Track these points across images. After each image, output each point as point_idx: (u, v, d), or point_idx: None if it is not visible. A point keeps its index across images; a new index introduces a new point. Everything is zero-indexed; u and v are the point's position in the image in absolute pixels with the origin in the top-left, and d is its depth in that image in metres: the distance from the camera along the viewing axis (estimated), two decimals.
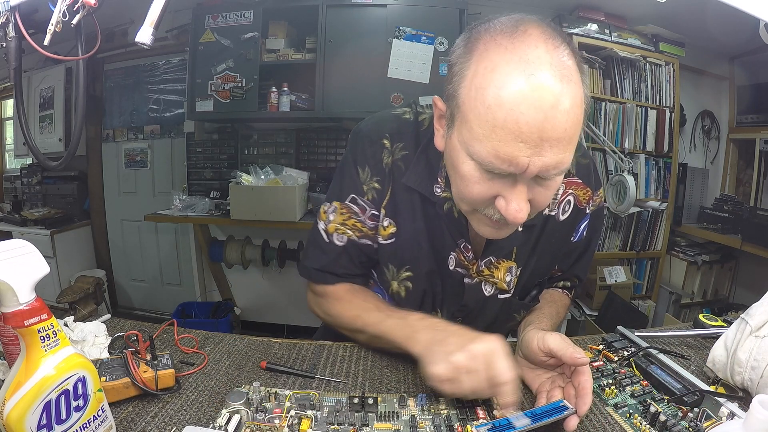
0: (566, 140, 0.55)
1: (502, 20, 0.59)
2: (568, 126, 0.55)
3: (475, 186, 0.61)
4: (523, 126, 0.53)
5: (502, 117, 0.54)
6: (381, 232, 0.84)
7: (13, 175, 3.31)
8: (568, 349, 0.64)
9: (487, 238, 0.74)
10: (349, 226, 0.84)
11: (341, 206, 0.84)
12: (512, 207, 0.60)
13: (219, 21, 2.55)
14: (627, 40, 2.56)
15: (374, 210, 0.83)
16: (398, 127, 0.82)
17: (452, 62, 0.62)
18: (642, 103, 2.63)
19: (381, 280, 0.90)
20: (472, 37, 0.60)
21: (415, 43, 2.42)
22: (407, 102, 0.94)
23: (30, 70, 2.94)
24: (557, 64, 0.54)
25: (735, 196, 2.68)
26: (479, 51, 0.58)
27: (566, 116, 0.54)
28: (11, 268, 0.46)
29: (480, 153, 0.57)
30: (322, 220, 0.86)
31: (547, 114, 0.53)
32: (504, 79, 0.54)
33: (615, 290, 2.59)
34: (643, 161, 2.64)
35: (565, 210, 0.85)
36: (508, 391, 0.60)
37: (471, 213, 0.68)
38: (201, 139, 2.93)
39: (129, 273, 3.26)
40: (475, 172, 0.60)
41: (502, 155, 0.55)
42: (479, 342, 0.62)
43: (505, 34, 0.56)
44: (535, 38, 0.55)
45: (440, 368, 0.62)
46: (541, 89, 0.53)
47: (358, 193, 0.82)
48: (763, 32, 0.77)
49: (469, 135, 0.58)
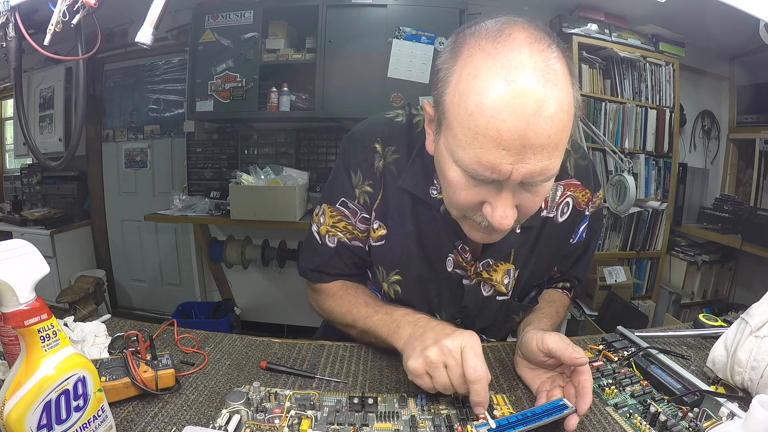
0: (551, 147, 0.55)
1: (488, 24, 0.58)
2: (552, 132, 0.53)
3: (461, 192, 0.61)
4: (505, 133, 0.52)
5: (484, 124, 0.53)
6: (371, 234, 0.85)
7: (13, 175, 3.31)
8: (567, 350, 0.64)
9: (479, 242, 0.74)
10: (340, 228, 0.85)
11: (331, 209, 0.85)
12: (497, 214, 0.59)
13: (219, 21, 2.55)
14: (627, 40, 2.56)
15: (365, 213, 0.84)
16: (389, 131, 0.82)
17: (438, 67, 0.61)
18: (642, 103, 2.63)
19: (374, 281, 0.91)
20: (458, 41, 0.60)
21: (415, 43, 2.42)
22: (406, 103, 0.94)
23: (30, 70, 2.93)
24: (541, 68, 0.53)
25: (735, 196, 2.68)
26: (463, 56, 0.57)
27: (550, 122, 0.53)
28: (11, 268, 0.46)
29: (463, 160, 0.57)
30: (314, 222, 0.89)
31: (529, 121, 0.52)
32: (486, 86, 0.53)
33: (615, 290, 2.59)
34: (643, 161, 2.64)
35: (564, 212, 0.85)
36: (477, 389, 0.60)
37: (461, 219, 0.68)
38: (201, 139, 2.93)
39: (129, 273, 3.26)
40: (461, 179, 0.60)
41: (484, 162, 0.55)
42: (452, 338, 0.63)
43: (489, 39, 0.55)
44: (519, 42, 0.54)
45: (415, 363, 0.63)
46: (523, 95, 0.52)
47: (348, 197, 0.83)
48: (763, 32, 0.77)
49: (453, 141, 0.58)
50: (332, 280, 0.90)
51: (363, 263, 0.90)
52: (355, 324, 0.82)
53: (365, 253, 0.87)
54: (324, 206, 0.87)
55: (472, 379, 0.60)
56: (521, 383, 0.74)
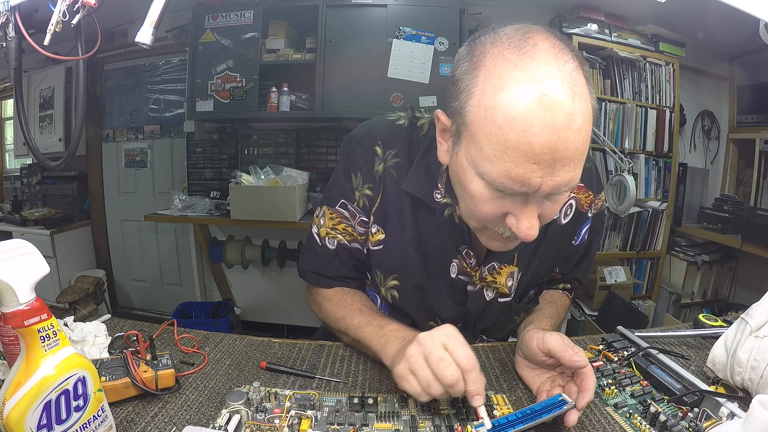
0: (578, 158, 0.55)
1: (508, 32, 0.57)
2: (579, 144, 0.54)
3: (485, 205, 0.60)
4: (536, 147, 0.52)
5: (515, 138, 0.52)
6: (370, 238, 0.84)
7: (13, 175, 3.31)
8: (567, 351, 0.64)
9: (495, 250, 0.73)
10: (340, 230, 0.85)
11: (331, 211, 0.85)
12: (524, 225, 0.59)
13: (219, 21, 2.55)
14: (627, 40, 2.56)
15: (364, 216, 0.83)
16: (390, 134, 0.81)
17: (457, 77, 0.60)
18: (642, 103, 2.63)
19: (373, 284, 0.91)
20: (477, 50, 0.58)
21: (415, 43, 2.42)
22: (408, 104, 0.93)
23: (30, 70, 2.93)
24: (569, 81, 0.53)
25: (735, 196, 2.68)
26: (486, 67, 0.56)
27: (578, 135, 0.53)
28: (11, 268, 0.46)
29: (491, 173, 0.56)
30: (315, 224, 0.88)
31: (560, 135, 0.52)
32: (515, 99, 0.52)
33: (615, 290, 2.59)
34: (643, 161, 2.64)
35: (567, 214, 0.85)
36: (474, 378, 0.60)
37: (480, 230, 0.67)
38: (201, 139, 2.92)
39: (129, 273, 3.26)
40: (485, 191, 0.59)
41: (514, 176, 0.55)
42: (429, 333, 0.63)
43: (513, 49, 0.54)
44: (545, 53, 0.53)
45: (399, 366, 0.63)
46: (554, 109, 0.51)
47: (348, 200, 0.83)
48: (763, 32, 0.77)
49: (478, 155, 0.57)
50: (331, 285, 0.89)
51: (362, 266, 0.89)
52: (347, 331, 0.81)
53: (364, 255, 0.87)
54: (324, 208, 0.86)
55: (467, 367, 0.60)
56: (521, 383, 0.74)
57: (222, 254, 2.82)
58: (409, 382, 0.62)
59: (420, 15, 2.43)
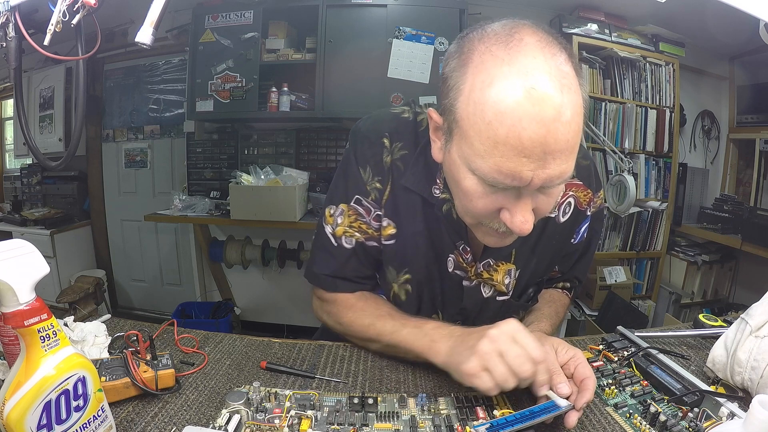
0: (569, 150, 0.55)
1: (495, 28, 0.57)
2: (569, 137, 0.54)
3: (478, 201, 0.61)
4: (526, 141, 0.52)
5: (504, 133, 0.53)
6: (381, 232, 0.83)
7: (13, 175, 3.31)
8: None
9: (492, 246, 0.73)
10: (357, 228, 0.82)
11: (348, 208, 0.82)
12: (518, 219, 0.59)
13: (219, 21, 2.55)
14: (627, 40, 2.56)
15: (378, 210, 0.82)
16: (397, 126, 0.81)
17: (446, 75, 0.60)
18: (642, 103, 2.63)
19: (383, 283, 0.89)
20: (465, 47, 0.59)
21: (415, 43, 2.42)
22: (409, 100, 0.93)
23: (30, 70, 2.93)
24: (557, 73, 0.53)
25: (735, 196, 2.68)
26: (474, 63, 0.56)
27: (568, 127, 0.53)
28: (11, 268, 0.46)
29: (482, 169, 0.56)
30: (329, 223, 0.84)
31: (549, 127, 0.52)
32: (503, 94, 0.52)
33: (615, 290, 2.59)
34: (643, 161, 2.64)
35: (566, 212, 0.85)
36: (542, 369, 0.60)
37: (476, 226, 0.68)
38: (201, 139, 2.93)
39: (129, 273, 3.26)
40: (478, 187, 0.59)
41: (505, 171, 0.55)
42: (495, 328, 0.63)
43: (500, 44, 0.55)
44: (532, 47, 0.54)
45: (470, 364, 0.61)
46: (542, 102, 0.52)
47: (362, 194, 0.81)
48: (763, 32, 0.77)
49: (470, 151, 0.57)
50: (349, 288, 0.85)
51: (378, 264, 0.87)
52: (379, 338, 0.78)
53: (379, 253, 0.85)
54: (342, 206, 0.83)
55: (540, 359, 0.60)
56: None
57: (222, 254, 2.83)
58: (481, 379, 0.61)
59: (420, 15, 2.43)
